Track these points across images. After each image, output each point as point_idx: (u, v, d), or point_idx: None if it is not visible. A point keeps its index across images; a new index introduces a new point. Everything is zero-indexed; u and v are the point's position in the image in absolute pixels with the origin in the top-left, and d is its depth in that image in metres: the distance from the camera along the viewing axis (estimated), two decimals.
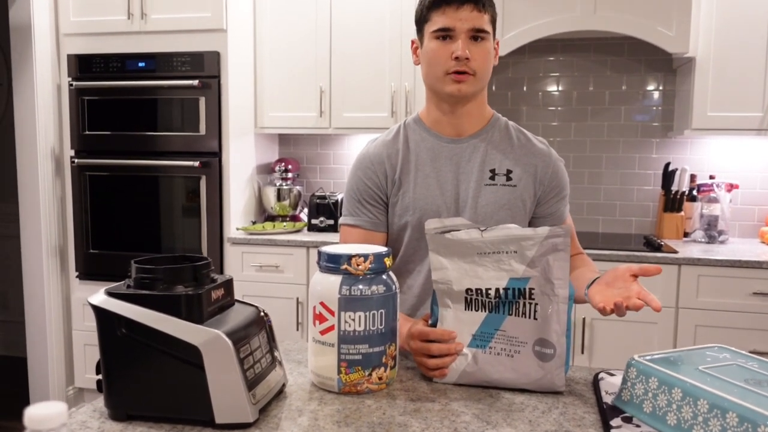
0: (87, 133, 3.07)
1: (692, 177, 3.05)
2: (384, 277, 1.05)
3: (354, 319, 1.02)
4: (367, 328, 1.02)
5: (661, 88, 3.13)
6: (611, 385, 1.07)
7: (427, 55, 1.32)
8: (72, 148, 3.10)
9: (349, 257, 1.02)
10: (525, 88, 3.27)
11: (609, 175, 3.21)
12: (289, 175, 3.32)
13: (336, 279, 1.03)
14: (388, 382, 1.08)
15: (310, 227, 3.18)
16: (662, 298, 2.57)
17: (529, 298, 1.05)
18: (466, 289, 1.08)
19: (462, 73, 1.28)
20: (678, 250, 2.64)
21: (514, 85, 3.28)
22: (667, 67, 3.11)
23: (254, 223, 3.25)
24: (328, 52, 3.10)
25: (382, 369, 1.05)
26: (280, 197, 3.27)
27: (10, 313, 4.00)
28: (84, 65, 3.04)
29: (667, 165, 3.05)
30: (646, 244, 2.80)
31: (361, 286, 1.02)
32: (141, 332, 0.90)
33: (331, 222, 3.13)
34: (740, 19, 2.69)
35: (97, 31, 3.02)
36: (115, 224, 3.08)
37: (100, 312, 0.93)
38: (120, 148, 3.04)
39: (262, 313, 1.05)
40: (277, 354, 1.06)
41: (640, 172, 3.18)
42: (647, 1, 2.65)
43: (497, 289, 1.07)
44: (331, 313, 1.02)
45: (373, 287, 1.03)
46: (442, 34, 1.28)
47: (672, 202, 3.01)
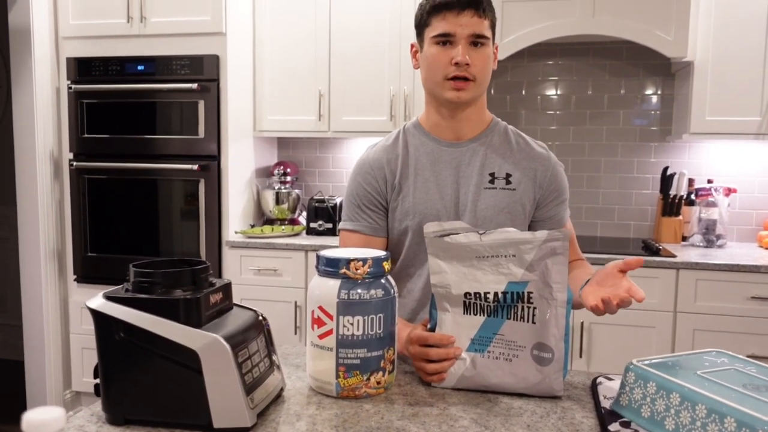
0: (86, 136, 3.07)
1: (690, 181, 3.05)
2: (382, 281, 1.05)
3: (352, 324, 1.02)
4: (366, 333, 1.02)
5: (659, 93, 3.14)
6: (609, 390, 1.07)
7: (427, 60, 1.32)
8: (71, 151, 3.10)
9: (348, 261, 1.02)
10: (524, 92, 3.28)
11: (607, 179, 3.21)
12: (288, 178, 3.32)
13: (335, 283, 1.02)
14: (387, 387, 1.08)
15: (308, 231, 3.18)
16: (660, 303, 2.58)
17: (527, 302, 1.05)
18: (465, 293, 1.08)
19: (462, 79, 1.28)
20: (676, 254, 2.64)
21: (513, 88, 3.29)
22: (666, 71, 3.11)
23: (253, 226, 3.25)
24: (327, 55, 3.10)
25: (381, 373, 1.05)
26: (278, 201, 3.27)
27: (7, 316, 4.00)
28: (83, 68, 3.04)
29: (666, 169, 3.05)
30: (645, 248, 2.80)
31: (359, 290, 1.02)
32: (139, 336, 0.90)
33: (330, 225, 3.13)
34: (738, 23, 2.70)
35: (97, 35, 3.02)
36: (114, 227, 3.08)
37: (98, 316, 0.92)
38: (119, 152, 3.04)
39: (261, 317, 1.05)
40: (275, 358, 1.06)
41: (639, 176, 3.18)
42: (646, 6, 2.66)
43: (496, 293, 1.06)
44: (330, 317, 1.02)
45: (372, 291, 1.03)
46: (443, 40, 1.28)
47: (670, 206, 3.02)
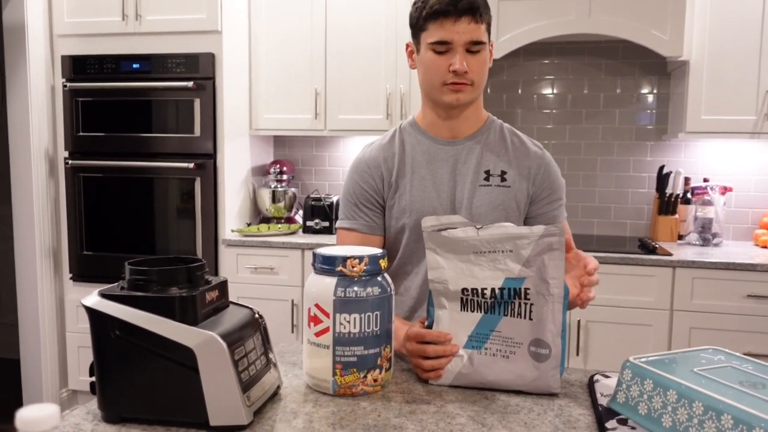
0: (81, 134, 3.06)
1: (686, 180, 3.06)
2: (379, 278, 1.05)
3: (349, 321, 1.02)
4: (362, 330, 1.02)
5: (655, 92, 3.15)
6: (606, 387, 1.07)
7: (424, 65, 1.31)
8: (66, 149, 3.09)
9: (344, 259, 1.02)
10: (520, 91, 3.28)
11: (603, 178, 3.22)
12: (284, 177, 3.32)
13: (331, 281, 1.02)
14: (384, 384, 1.08)
15: (305, 229, 3.17)
16: (657, 301, 2.58)
17: (524, 299, 1.05)
18: (462, 289, 1.08)
19: (460, 84, 1.28)
20: (672, 253, 2.65)
21: (509, 87, 3.29)
22: (662, 70, 3.12)
23: (249, 225, 3.24)
24: (323, 53, 3.10)
25: (378, 371, 1.05)
26: (275, 199, 3.27)
27: (3, 315, 3.98)
28: (78, 66, 3.03)
29: (662, 168, 3.06)
30: (641, 246, 2.81)
31: (356, 288, 1.02)
32: (135, 334, 0.90)
33: (326, 224, 3.13)
34: (734, 23, 2.70)
35: (92, 32, 3.01)
36: (110, 226, 3.07)
37: (93, 314, 0.92)
38: (114, 150, 3.03)
39: (257, 315, 1.04)
40: (271, 356, 1.05)
41: (635, 175, 3.19)
42: (642, 5, 2.66)
43: (493, 289, 1.06)
44: (326, 314, 1.02)
45: (368, 289, 1.02)
46: (440, 48, 1.27)
47: (666, 205, 3.02)
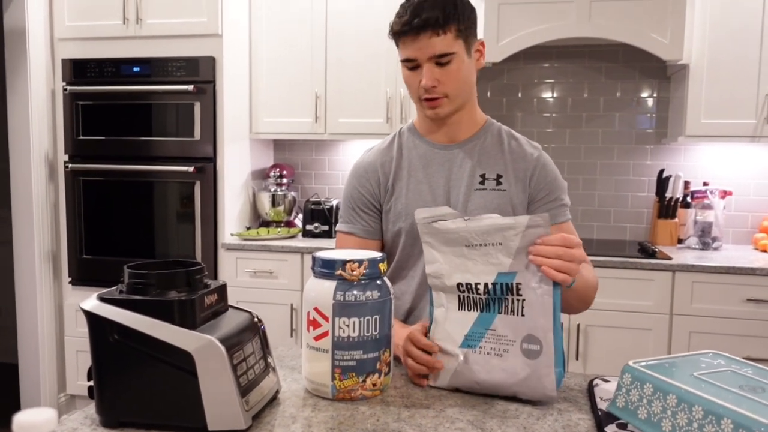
0: (81, 138, 3.06)
1: (686, 184, 3.06)
2: (378, 282, 1.05)
3: (348, 325, 1.01)
4: (362, 334, 1.02)
5: (655, 95, 3.15)
6: (606, 392, 1.07)
7: (404, 81, 1.34)
8: (66, 153, 3.09)
9: (344, 263, 1.02)
10: (520, 95, 3.28)
11: (603, 182, 3.22)
12: (284, 180, 3.31)
13: (330, 284, 1.02)
14: (383, 389, 1.07)
15: (304, 233, 3.17)
16: (656, 305, 2.58)
17: (516, 294, 1.03)
18: (458, 284, 1.07)
19: (434, 99, 1.29)
20: (672, 257, 2.65)
21: (509, 91, 3.29)
22: (662, 74, 3.12)
23: (249, 228, 3.24)
24: (323, 57, 3.10)
25: (377, 375, 1.05)
26: (274, 203, 3.27)
27: (1, 319, 3.97)
28: (78, 70, 3.03)
29: (661, 171, 3.06)
30: (641, 250, 2.81)
31: (355, 292, 1.01)
32: (133, 338, 0.90)
33: (326, 228, 3.12)
34: (733, 27, 2.70)
35: (92, 36, 3.02)
36: (109, 230, 3.07)
37: (92, 317, 0.92)
38: (114, 153, 3.03)
39: (256, 319, 1.04)
40: (270, 360, 1.05)
41: (635, 179, 3.19)
42: (641, 9, 2.67)
43: (486, 284, 1.05)
44: (326, 318, 1.02)
45: (368, 293, 1.02)
46: (409, 65, 1.29)
47: (666, 209, 3.02)
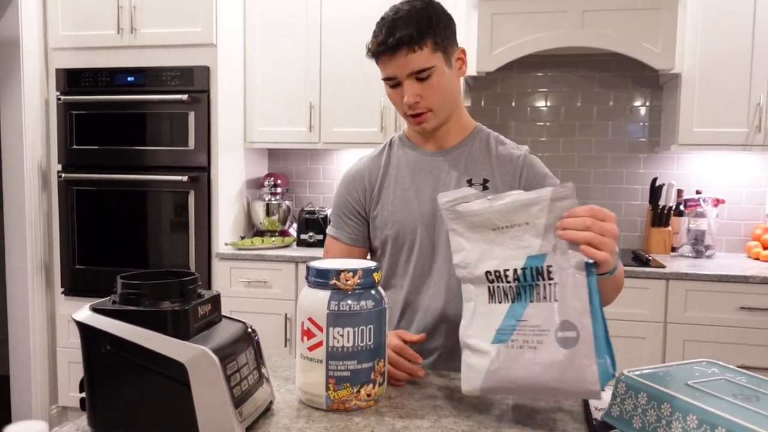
0: (75, 147, 3.05)
1: (679, 192, 3.07)
2: (373, 292, 1.04)
3: (342, 335, 1.01)
4: (356, 344, 1.02)
5: (647, 104, 3.17)
6: (601, 401, 1.07)
7: (387, 97, 1.36)
8: (59, 162, 3.08)
9: (338, 272, 1.02)
10: (514, 104, 3.30)
11: (597, 190, 3.23)
12: (279, 189, 3.31)
13: (324, 294, 1.02)
14: (377, 399, 1.07)
15: (299, 242, 3.17)
16: (650, 313, 2.58)
17: (548, 279, 0.95)
18: (486, 273, 1.00)
19: (418, 114, 1.31)
20: (666, 265, 2.65)
21: (502, 100, 3.31)
22: (654, 83, 3.14)
23: (243, 238, 3.23)
24: (318, 67, 3.11)
25: (371, 386, 1.04)
26: (269, 212, 3.26)
27: None
28: (72, 79, 3.03)
29: (654, 180, 3.07)
30: (634, 258, 2.81)
31: (349, 302, 1.01)
32: (126, 349, 0.89)
33: (321, 237, 3.12)
34: (724, 36, 2.73)
35: (86, 46, 3.02)
36: (102, 239, 3.05)
37: (84, 328, 0.91)
38: (108, 163, 3.03)
39: (250, 329, 1.04)
40: (264, 370, 1.05)
41: (628, 187, 3.20)
42: (634, 19, 2.69)
43: (515, 270, 0.97)
44: (320, 328, 1.01)
45: (362, 302, 1.02)
46: (390, 83, 1.30)
47: (659, 217, 3.03)
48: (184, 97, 2.88)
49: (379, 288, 1.07)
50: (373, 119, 3.06)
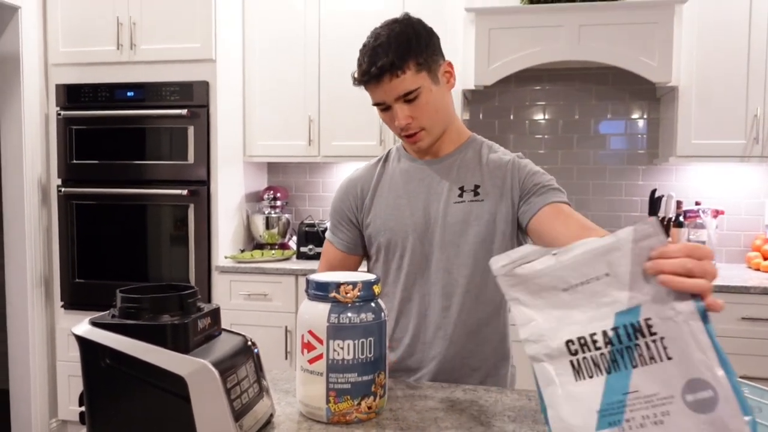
0: (74, 161, 3.06)
1: (678, 203, 3.08)
2: (373, 304, 1.04)
3: (343, 348, 1.01)
4: (356, 357, 1.01)
5: (645, 117, 3.18)
6: None
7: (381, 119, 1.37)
8: (59, 176, 3.09)
9: (338, 285, 1.02)
10: (512, 117, 3.31)
11: (596, 202, 3.23)
12: (278, 203, 3.32)
13: (324, 307, 1.02)
14: (378, 412, 1.06)
15: (299, 255, 3.17)
16: None
17: (650, 335, 0.78)
18: (567, 342, 0.82)
19: (413, 134, 1.32)
20: None
21: (501, 113, 3.32)
22: (651, 95, 3.16)
23: (243, 251, 3.23)
24: (316, 81, 3.12)
25: (372, 398, 1.04)
26: (268, 225, 3.26)
27: None
28: (72, 95, 3.04)
29: (654, 192, 3.08)
30: None
31: (349, 314, 1.01)
32: (126, 363, 0.89)
33: (320, 250, 3.11)
34: (721, 49, 2.75)
35: (86, 62, 3.04)
36: (102, 253, 3.05)
37: (83, 342, 0.91)
38: (108, 177, 3.03)
39: (250, 342, 1.03)
40: (264, 383, 1.04)
41: (627, 199, 3.21)
42: (630, 33, 2.71)
43: (604, 333, 0.80)
44: (320, 341, 1.01)
45: (362, 315, 1.02)
46: (380, 107, 1.32)
47: None
48: (184, 111, 2.90)
49: (379, 300, 1.07)
50: (372, 132, 3.07)
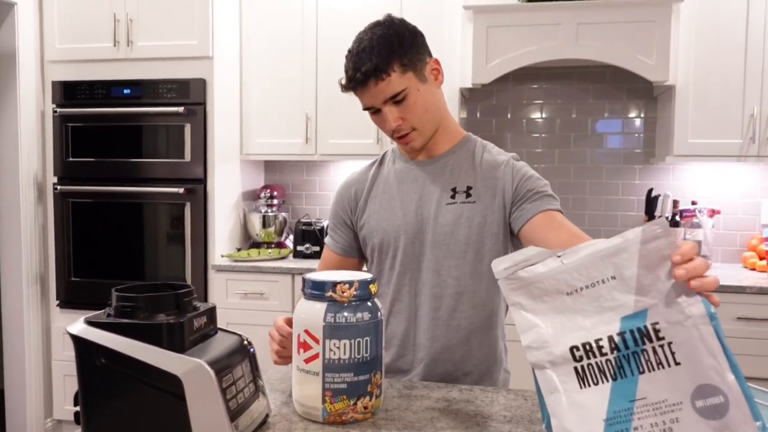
0: (71, 159, 3.05)
1: (675, 203, 3.08)
2: (369, 304, 1.04)
3: (339, 347, 1.00)
4: (352, 356, 1.01)
5: (642, 116, 3.19)
6: None
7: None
8: (55, 174, 3.08)
9: (334, 284, 1.01)
10: (509, 116, 3.31)
11: (593, 201, 3.24)
12: (275, 201, 3.31)
13: (321, 306, 1.01)
14: (374, 412, 1.06)
15: (295, 254, 3.16)
16: None
17: (657, 340, 0.76)
18: (571, 349, 0.80)
19: (405, 135, 1.32)
20: None
21: (498, 112, 3.32)
22: (648, 94, 3.16)
23: (239, 250, 3.23)
24: (314, 79, 3.12)
25: (368, 398, 1.04)
26: (265, 224, 3.26)
27: None
28: (69, 92, 3.03)
29: (650, 191, 3.08)
30: None
31: (346, 314, 1.01)
32: (121, 362, 0.89)
33: (317, 248, 3.11)
34: (718, 48, 2.75)
35: (83, 58, 3.02)
36: (98, 251, 3.04)
37: (78, 341, 0.91)
38: (104, 175, 3.02)
39: (246, 342, 1.03)
40: (260, 383, 1.04)
41: (624, 198, 3.21)
42: (628, 31, 2.71)
43: (610, 338, 0.78)
44: (316, 341, 1.01)
45: (358, 314, 1.02)
46: (370, 111, 1.33)
47: None
48: (181, 109, 2.89)
49: (375, 300, 1.07)
50: (369, 131, 3.07)
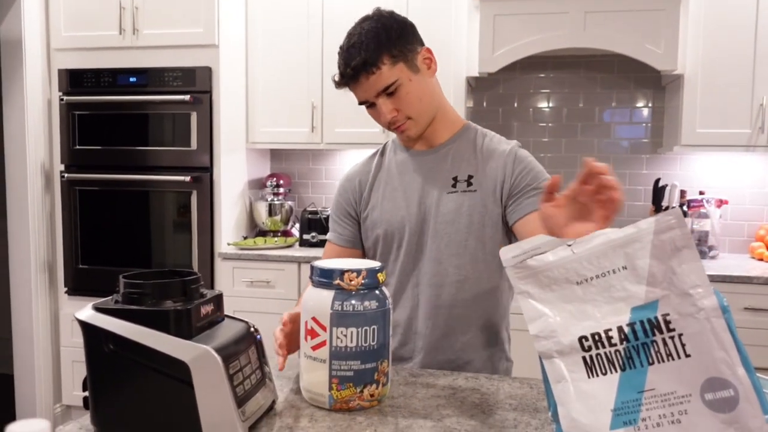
0: (77, 147, 3.06)
1: (682, 193, 3.07)
2: (377, 292, 1.04)
3: (346, 335, 1.01)
4: (360, 344, 1.01)
5: (650, 105, 3.16)
6: None
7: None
8: (62, 162, 3.09)
9: (342, 272, 1.01)
10: (516, 105, 3.29)
11: None
12: (281, 190, 3.31)
13: (328, 294, 1.02)
14: (380, 399, 1.07)
15: (301, 242, 3.17)
16: None
17: (668, 331, 0.76)
18: (580, 339, 0.79)
19: (400, 125, 1.33)
20: None
21: (505, 101, 3.30)
22: (656, 84, 3.14)
23: (245, 238, 3.23)
24: (320, 67, 3.11)
25: (374, 386, 1.04)
26: (271, 212, 3.26)
27: None
28: (75, 80, 3.03)
29: (657, 181, 3.07)
30: None
31: (353, 302, 1.01)
32: (129, 348, 0.89)
33: (323, 237, 3.12)
34: (727, 37, 2.72)
35: (89, 46, 3.02)
36: (105, 239, 3.06)
37: (87, 327, 0.91)
38: (110, 163, 3.03)
39: (252, 329, 1.04)
40: (267, 370, 1.04)
41: (631, 188, 3.20)
42: (636, 20, 2.69)
43: (620, 329, 0.78)
44: (323, 328, 1.01)
45: (366, 303, 1.02)
46: (365, 104, 1.33)
47: None
48: (187, 97, 2.89)
49: (383, 288, 1.07)
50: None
